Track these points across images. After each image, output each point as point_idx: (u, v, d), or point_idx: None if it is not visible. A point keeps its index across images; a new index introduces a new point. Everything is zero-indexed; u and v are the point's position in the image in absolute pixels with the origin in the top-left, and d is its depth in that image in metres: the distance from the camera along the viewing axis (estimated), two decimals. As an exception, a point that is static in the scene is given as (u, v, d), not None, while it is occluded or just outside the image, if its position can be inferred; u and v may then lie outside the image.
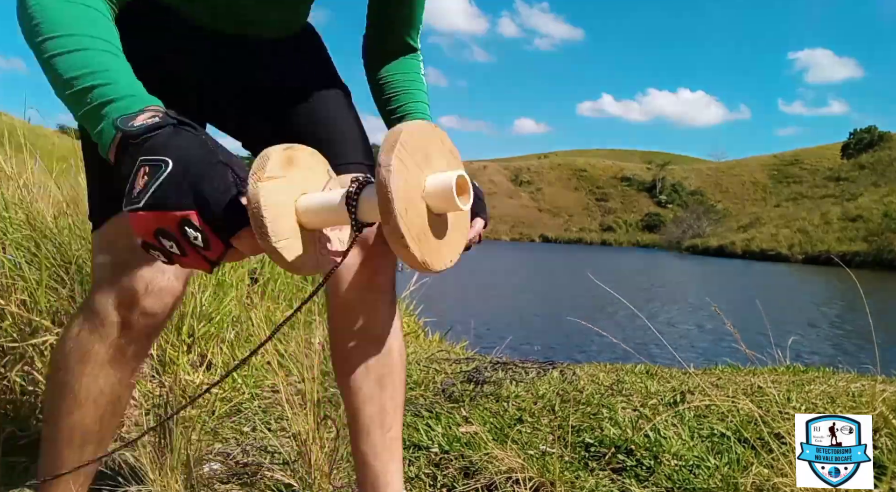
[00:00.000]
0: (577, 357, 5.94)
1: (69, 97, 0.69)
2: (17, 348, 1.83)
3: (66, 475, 0.97)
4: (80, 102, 0.68)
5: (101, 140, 0.67)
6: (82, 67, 0.68)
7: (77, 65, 0.68)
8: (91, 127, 0.68)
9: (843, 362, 2.84)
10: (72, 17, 0.71)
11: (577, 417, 1.84)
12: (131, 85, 0.69)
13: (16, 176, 2.34)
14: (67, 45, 0.69)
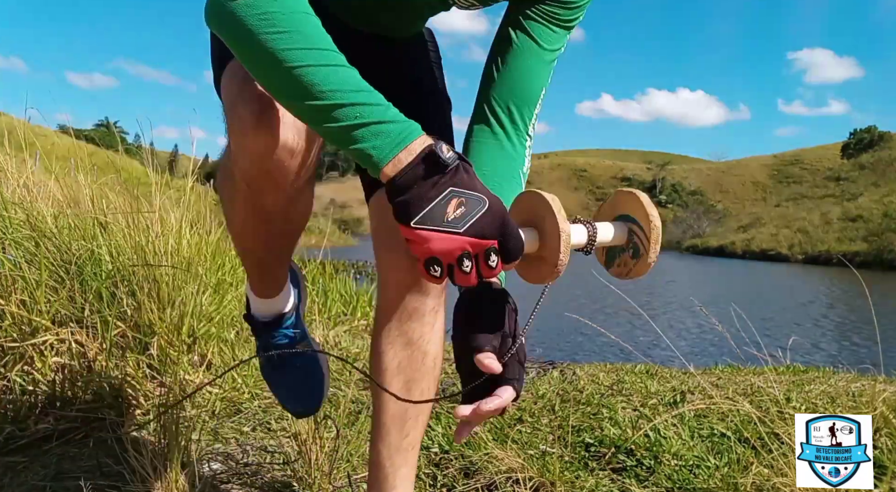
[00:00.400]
0: (577, 357, 5.94)
1: (321, 110, 0.72)
2: (17, 348, 1.83)
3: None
4: (342, 117, 0.72)
5: (376, 156, 0.73)
6: (342, 84, 0.72)
7: (335, 80, 0.72)
8: (354, 142, 0.73)
9: (844, 362, 2.84)
10: (315, 29, 0.74)
11: (577, 417, 1.84)
12: (394, 109, 0.74)
13: (16, 175, 2.34)
14: (320, 58, 0.72)
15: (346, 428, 1.74)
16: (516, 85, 1.04)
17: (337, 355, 1.37)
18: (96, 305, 1.96)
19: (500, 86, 1.05)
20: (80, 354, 1.89)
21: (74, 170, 2.58)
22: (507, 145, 1.06)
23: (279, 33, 0.72)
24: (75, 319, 1.93)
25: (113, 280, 2.00)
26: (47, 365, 1.84)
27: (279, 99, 0.77)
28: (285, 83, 0.73)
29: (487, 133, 1.06)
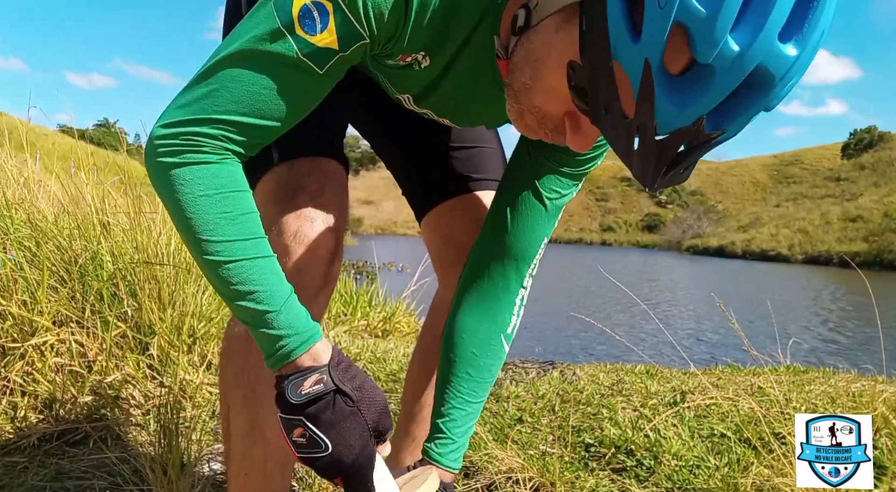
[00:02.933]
0: (577, 357, 5.94)
1: (234, 306, 0.75)
2: (17, 348, 1.83)
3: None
4: (246, 317, 0.75)
5: (266, 351, 0.77)
6: (245, 282, 0.74)
7: (239, 276, 0.74)
8: (258, 339, 0.76)
9: (844, 362, 2.84)
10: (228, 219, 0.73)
11: (577, 417, 1.84)
12: (289, 313, 0.75)
13: (17, 175, 2.34)
14: (229, 252, 0.73)
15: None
16: (521, 239, 1.01)
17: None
18: (97, 305, 1.96)
19: (503, 238, 1.01)
20: (80, 354, 1.89)
21: (75, 170, 2.58)
22: (501, 303, 1.02)
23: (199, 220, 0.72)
24: (76, 320, 1.93)
25: (114, 280, 2.00)
26: (47, 365, 1.84)
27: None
28: (210, 280, 0.76)
29: (483, 288, 1.02)
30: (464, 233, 1.11)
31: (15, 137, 2.70)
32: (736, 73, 0.57)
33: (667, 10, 0.56)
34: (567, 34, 0.66)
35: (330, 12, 0.69)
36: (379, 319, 3.62)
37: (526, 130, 0.79)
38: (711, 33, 0.56)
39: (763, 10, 0.55)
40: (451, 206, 1.13)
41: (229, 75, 0.71)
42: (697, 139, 0.61)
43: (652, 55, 0.58)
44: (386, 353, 2.55)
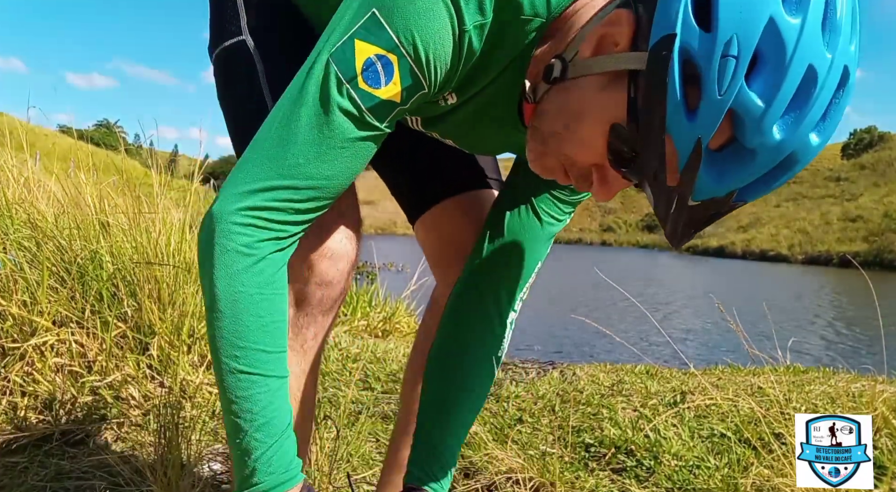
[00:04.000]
0: (577, 357, 5.94)
1: (229, 415, 0.73)
2: (17, 349, 1.83)
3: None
4: (234, 433, 0.74)
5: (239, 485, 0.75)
6: (250, 398, 0.72)
7: (247, 390, 0.72)
8: (236, 459, 0.75)
9: (844, 362, 2.84)
10: (259, 325, 0.72)
11: (577, 417, 1.84)
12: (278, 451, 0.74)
13: (17, 176, 2.34)
14: (247, 361, 0.72)
15: (346, 429, 1.74)
16: (514, 261, 1.01)
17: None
18: (97, 305, 1.96)
19: (498, 259, 1.01)
20: (80, 354, 1.89)
21: (75, 170, 2.58)
22: (492, 326, 1.02)
23: (230, 318, 0.71)
24: (76, 320, 1.93)
25: (113, 281, 2.00)
26: (47, 365, 1.84)
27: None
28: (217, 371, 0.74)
29: (473, 310, 1.02)
30: (463, 232, 1.11)
31: (15, 138, 2.70)
32: (773, 157, 0.63)
33: (725, 98, 0.59)
34: (612, 96, 0.67)
35: (395, 65, 0.68)
36: (379, 319, 3.62)
37: (542, 170, 0.80)
38: (761, 124, 0.60)
39: (805, 105, 0.60)
40: (448, 205, 1.12)
41: (291, 137, 0.69)
42: (725, 207, 0.68)
43: (704, 135, 0.61)
44: (386, 353, 2.55)
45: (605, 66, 0.68)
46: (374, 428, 1.85)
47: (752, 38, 0.58)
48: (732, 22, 0.58)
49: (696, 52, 0.60)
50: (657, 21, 0.62)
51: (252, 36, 0.91)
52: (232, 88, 0.94)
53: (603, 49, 0.69)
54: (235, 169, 0.72)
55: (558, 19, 0.74)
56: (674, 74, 0.61)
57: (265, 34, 0.91)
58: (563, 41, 0.74)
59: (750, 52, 0.59)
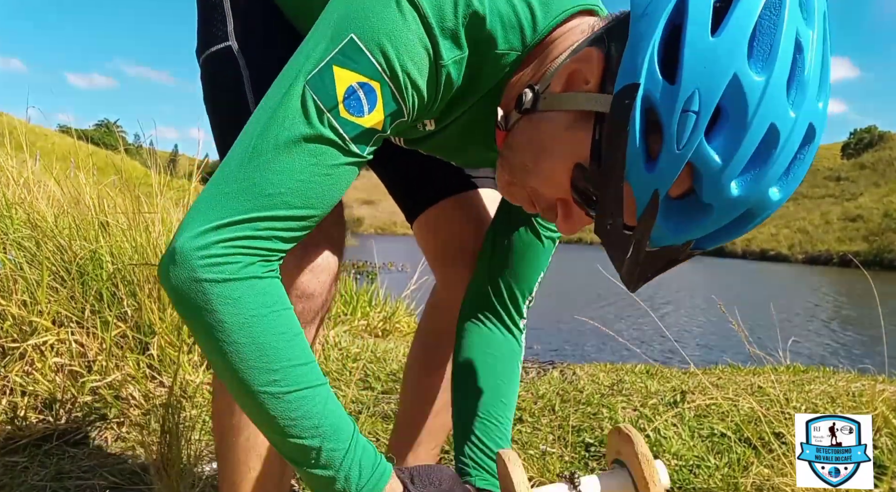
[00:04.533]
0: (577, 357, 5.95)
1: (292, 444, 0.67)
2: (17, 348, 1.83)
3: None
4: (307, 456, 0.68)
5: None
6: (308, 415, 0.67)
7: (301, 408, 0.66)
8: (317, 482, 0.69)
9: (844, 362, 2.84)
10: (285, 341, 0.67)
11: (577, 416, 1.84)
12: (358, 449, 0.69)
13: (17, 176, 2.34)
14: (289, 380, 0.66)
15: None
16: (519, 275, 1.01)
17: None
18: (97, 305, 1.96)
19: (503, 275, 1.01)
20: (80, 354, 1.89)
21: (75, 170, 2.58)
22: (509, 337, 1.03)
23: (253, 344, 0.65)
24: (75, 320, 1.93)
25: (113, 280, 2.00)
26: (47, 365, 1.84)
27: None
28: (252, 413, 0.68)
29: (489, 323, 1.03)
30: (462, 231, 1.11)
31: (14, 138, 2.70)
32: (730, 212, 0.63)
33: (684, 152, 0.59)
34: (577, 136, 0.67)
35: (377, 92, 0.66)
36: (379, 318, 3.62)
37: (511, 198, 0.80)
38: (719, 180, 0.60)
39: (766, 163, 0.59)
40: (446, 205, 1.12)
41: (270, 166, 0.65)
42: (682, 255, 0.68)
43: (661, 187, 0.61)
44: (386, 353, 2.55)
45: (573, 105, 0.68)
46: (374, 428, 1.85)
47: (714, 94, 0.58)
48: (696, 76, 0.58)
49: (658, 102, 0.59)
50: (623, 67, 0.62)
51: (238, 42, 0.90)
52: (218, 94, 0.93)
53: (573, 85, 0.69)
54: (202, 203, 0.65)
55: (536, 47, 0.74)
56: (634, 124, 0.60)
57: (252, 40, 0.90)
58: (538, 71, 0.73)
59: (711, 108, 0.58)
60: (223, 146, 0.90)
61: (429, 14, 0.66)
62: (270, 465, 0.90)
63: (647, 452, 0.78)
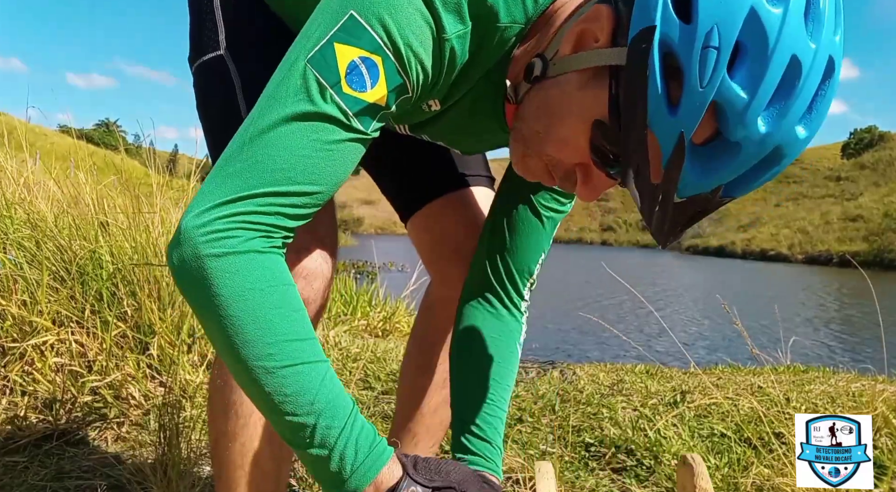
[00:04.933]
0: (577, 357, 5.95)
1: (287, 422, 0.65)
2: (17, 348, 1.83)
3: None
4: (302, 435, 0.66)
5: (331, 485, 0.67)
6: (303, 391, 0.64)
7: (297, 384, 0.64)
8: (315, 463, 0.67)
9: (843, 362, 2.84)
10: (281, 316, 0.65)
11: (577, 416, 1.84)
12: (355, 427, 0.67)
13: (17, 176, 2.34)
14: (285, 355, 0.64)
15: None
16: (519, 256, 1.00)
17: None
18: (97, 305, 1.96)
19: (502, 255, 1.01)
20: (80, 354, 1.89)
21: (74, 170, 2.58)
22: (507, 317, 1.03)
23: (248, 317, 0.64)
24: (76, 320, 1.93)
25: (113, 280, 2.00)
26: (47, 365, 1.84)
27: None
28: (249, 390, 0.67)
29: (486, 304, 1.02)
30: (456, 229, 1.11)
31: (14, 138, 2.70)
32: (759, 151, 0.61)
33: (707, 90, 0.58)
34: (593, 93, 0.66)
35: (380, 66, 0.65)
36: (379, 318, 3.62)
37: (525, 172, 0.78)
38: (745, 116, 0.59)
39: (790, 96, 0.59)
40: (439, 204, 1.12)
41: (273, 142, 0.64)
42: (711, 204, 0.66)
43: (687, 129, 0.60)
44: (386, 353, 2.55)
45: (586, 63, 0.67)
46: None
47: (733, 29, 0.57)
48: (713, 13, 0.57)
49: (676, 44, 0.59)
50: (636, 14, 0.61)
51: (230, 51, 0.90)
52: (210, 102, 0.93)
53: (583, 45, 0.68)
54: (207, 185, 0.65)
55: (539, 19, 0.73)
56: (654, 67, 0.59)
57: (242, 49, 0.90)
58: (544, 40, 0.73)
59: (731, 43, 0.57)
60: (216, 152, 0.90)
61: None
62: (266, 468, 0.90)
63: (709, 486, 0.73)
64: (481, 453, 0.93)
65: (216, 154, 0.89)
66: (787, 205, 75.21)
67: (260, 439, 0.88)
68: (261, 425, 0.88)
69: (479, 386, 0.98)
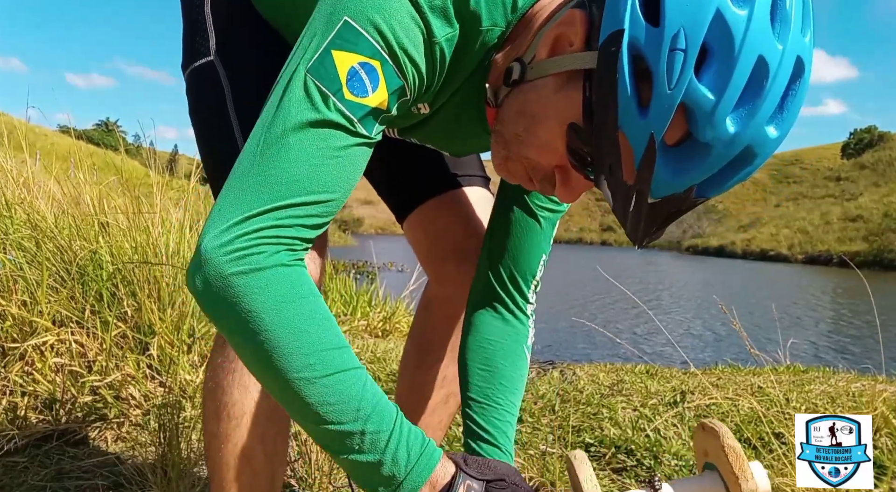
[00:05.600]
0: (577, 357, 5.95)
1: (332, 431, 0.65)
2: (17, 348, 1.83)
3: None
4: (349, 444, 0.65)
5: (395, 483, 0.67)
6: (348, 399, 0.64)
7: (340, 393, 0.64)
8: (364, 471, 0.66)
9: (843, 362, 2.84)
10: (316, 324, 0.65)
11: (577, 417, 1.84)
12: (404, 429, 0.67)
13: (17, 176, 2.34)
14: (324, 365, 0.64)
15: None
16: (519, 259, 1.01)
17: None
18: (97, 305, 1.96)
19: (503, 259, 1.01)
20: (80, 354, 1.89)
21: (74, 170, 2.58)
22: (513, 320, 1.03)
23: (284, 330, 0.64)
24: (76, 320, 1.93)
25: (113, 281, 2.00)
26: (47, 365, 1.84)
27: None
28: (286, 401, 0.66)
29: (491, 310, 1.03)
30: (451, 229, 1.12)
31: (14, 138, 2.70)
32: (728, 151, 0.62)
33: (675, 93, 0.59)
34: (567, 96, 0.67)
35: (379, 70, 0.66)
36: (379, 318, 3.62)
37: (507, 175, 0.79)
38: (713, 117, 0.60)
39: (758, 96, 0.60)
40: (435, 204, 1.13)
41: (283, 155, 0.65)
42: (685, 204, 0.67)
43: (657, 131, 0.61)
44: (386, 353, 2.55)
45: (561, 67, 0.68)
46: (374, 428, 1.85)
47: (699, 31, 0.58)
48: (679, 15, 0.58)
49: (644, 46, 0.60)
50: (606, 18, 0.62)
51: (220, 57, 0.90)
52: (202, 108, 0.93)
53: (558, 50, 0.69)
54: (221, 203, 0.65)
55: (519, 23, 0.74)
56: (623, 70, 0.60)
57: (232, 55, 0.91)
58: (523, 44, 0.74)
59: (697, 45, 0.58)
60: (208, 157, 0.91)
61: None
62: (259, 468, 0.90)
63: (736, 444, 0.72)
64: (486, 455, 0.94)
65: (209, 160, 0.90)
66: (787, 205, 75.25)
67: (252, 440, 0.88)
68: (253, 426, 0.88)
69: (488, 392, 0.99)
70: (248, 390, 0.87)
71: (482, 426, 0.96)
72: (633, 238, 0.68)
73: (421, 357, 1.20)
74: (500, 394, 0.99)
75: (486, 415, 0.97)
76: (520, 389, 1.02)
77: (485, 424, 0.97)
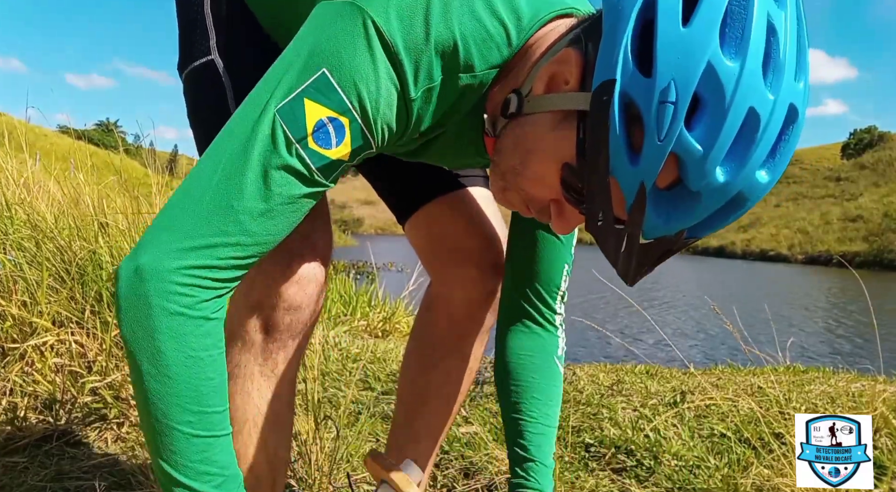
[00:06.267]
0: (577, 357, 5.95)
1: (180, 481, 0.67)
2: (16, 349, 1.83)
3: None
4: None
5: None
6: (207, 461, 0.68)
7: (203, 453, 0.68)
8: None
9: (843, 363, 2.84)
10: (210, 387, 0.68)
11: (577, 417, 1.84)
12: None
13: (17, 176, 2.34)
14: (202, 425, 0.67)
15: (346, 429, 1.74)
16: (541, 272, 1.03)
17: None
18: (96, 306, 1.96)
19: (525, 273, 1.03)
20: (80, 354, 1.89)
21: (74, 170, 2.58)
22: (542, 333, 1.06)
23: (181, 385, 0.66)
24: (75, 320, 1.93)
25: (113, 281, 2.00)
26: (47, 365, 1.84)
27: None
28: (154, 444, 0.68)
29: (520, 324, 1.06)
30: (453, 229, 1.12)
31: (14, 138, 2.70)
32: (719, 198, 0.63)
33: (665, 144, 0.59)
34: (562, 136, 0.68)
35: (346, 127, 0.67)
36: (379, 319, 3.62)
37: (505, 203, 0.80)
38: (703, 167, 0.60)
39: (749, 146, 0.60)
40: (437, 205, 1.12)
41: (238, 192, 0.66)
42: (676, 245, 0.68)
43: (647, 179, 0.62)
44: (386, 353, 2.55)
45: (557, 105, 0.69)
46: (374, 428, 1.85)
47: (690, 83, 0.58)
48: (671, 67, 0.58)
49: (635, 96, 0.60)
50: (598, 65, 0.62)
51: (221, 56, 0.90)
52: (201, 109, 0.93)
53: (554, 87, 0.69)
54: (170, 220, 0.66)
55: (515, 56, 0.74)
56: (614, 119, 0.61)
57: (234, 54, 0.90)
58: (521, 75, 0.74)
59: (688, 98, 0.59)
60: None
61: (399, 50, 0.66)
62: (261, 474, 0.91)
63: None
64: (526, 473, 0.99)
65: None
66: (787, 205, 75.21)
67: (254, 447, 0.89)
68: (254, 433, 0.89)
69: (522, 407, 1.02)
70: (250, 396, 0.88)
71: (519, 443, 1.01)
72: (625, 277, 0.70)
73: (423, 357, 1.20)
74: (534, 407, 1.02)
75: (521, 430, 1.01)
76: (555, 400, 1.05)
77: (520, 439, 1.01)
